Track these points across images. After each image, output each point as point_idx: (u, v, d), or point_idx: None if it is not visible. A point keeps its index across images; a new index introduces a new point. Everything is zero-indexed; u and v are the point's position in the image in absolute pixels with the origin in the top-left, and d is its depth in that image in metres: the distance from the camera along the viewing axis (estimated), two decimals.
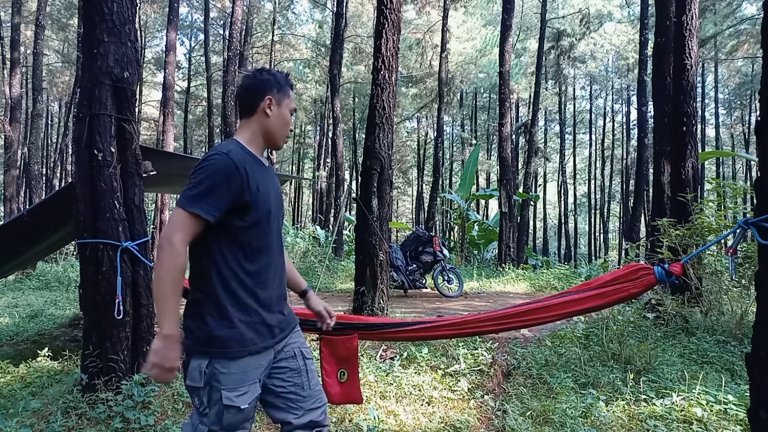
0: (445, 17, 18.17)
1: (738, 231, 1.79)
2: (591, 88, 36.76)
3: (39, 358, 4.09)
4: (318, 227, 19.52)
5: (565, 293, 2.14)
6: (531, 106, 20.98)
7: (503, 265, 13.20)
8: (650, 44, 11.67)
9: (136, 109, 3.64)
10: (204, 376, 1.54)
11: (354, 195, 26.31)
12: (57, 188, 16.94)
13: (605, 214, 35.17)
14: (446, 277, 8.97)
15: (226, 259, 1.56)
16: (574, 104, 37.27)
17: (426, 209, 22.11)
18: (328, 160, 26.44)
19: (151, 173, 3.52)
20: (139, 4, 16.39)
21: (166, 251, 1.46)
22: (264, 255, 1.63)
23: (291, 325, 1.75)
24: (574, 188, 38.35)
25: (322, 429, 1.76)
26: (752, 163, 21.82)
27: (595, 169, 37.29)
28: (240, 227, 1.56)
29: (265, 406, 1.74)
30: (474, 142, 31.49)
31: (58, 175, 27.15)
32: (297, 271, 1.99)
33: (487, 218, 25.76)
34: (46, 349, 4.21)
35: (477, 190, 26.11)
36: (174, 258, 1.46)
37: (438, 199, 20.77)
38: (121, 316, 3.02)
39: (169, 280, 1.45)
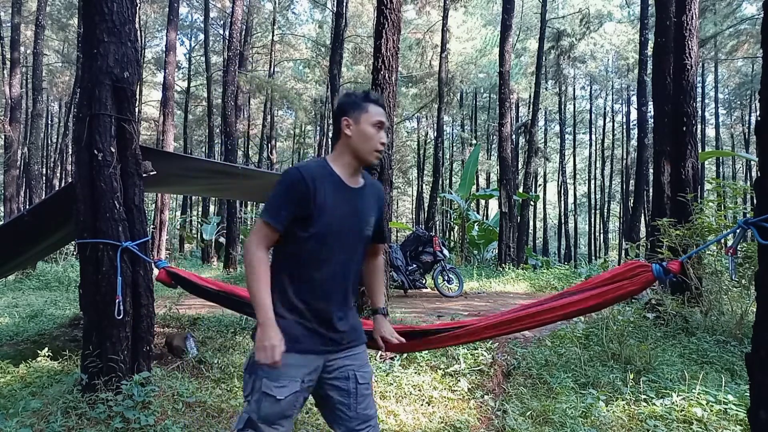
0: (445, 17, 18.17)
1: (738, 231, 1.79)
2: (591, 88, 36.75)
3: (39, 358, 4.09)
4: None
5: (564, 293, 2.13)
6: (531, 106, 20.97)
7: (503, 265, 13.20)
8: (650, 44, 11.67)
9: (136, 109, 3.63)
10: (250, 360, 1.68)
11: None
12: (57, 188, 16.94)
13: (605, 214, 35.16)
14: (446, 277, 8.97)
15: (286, 262, 1.73)
16: (574, 104, 37.26)
17: (426, 209, 22.11)
18: None
19: (151, 173, 3.52)
20: (139, 4, 16.39)
21: (246, 255, 1.68)
22: (322, 268, 1.72)
23: (348, 343, 1.79)
24: (574, 188, 38.33)
25: None
26: (752, 163, 21.81)
27: (595, 169, 37.28)
28: (301, 237, 1.70)
29: (319, 409, 1.86)
30: (474, 142, 31.49)
31: (58, 175, 27.16)
32: (382, 288, 2.07)
33: (487, 218, 25.75)
34: (46, 349, 4.20)
35: (477, 190, 26.09)
36: (251, 258, 1.66)
37: (438, 199, 20.77)
38: (121, 316, 3.02)
39: (253, 277, 1.65)
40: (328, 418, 1.81)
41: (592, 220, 36.67)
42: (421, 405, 3.28)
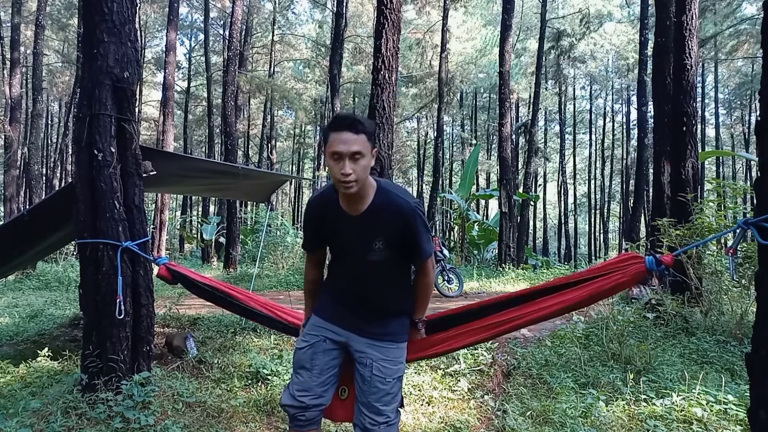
0: (445, 17, 18.17)
1: (738, 231, 1.79)
2: (591, 88, 36.73)
3: (39, 358, 4.09)
4: None
5: (559, 283, 2.09)
6: (531, 106, 20.97)
7: (503, 265, 13.20)
8: (650, 44, 11.67)
9: (136, 109, 3.63)
10: None
11: None
12: (57, 188, 16.93)
13: (605, 214, 35.15)
14: (446, 277, 8.97)
15: (331, 263, 2.11)
16: (574, 104, 37.24)
17: (426, 209, 22.10)
18: None
19: (151, 173, 3.52)
20: (139, 4, 16.37)
21: None
22: (340, 274, 2.05)
23: (373, 335, 1.98)
24: (574, 188, 38.33)
25: None
26: (752, 163, 21.81)
27: (595, 169, 37.27)
28: (331, 250, 2.07)
29: None
30: (474, 142, 31.49)
31: (58, 175, 27.16)
32: (421, 303, 2.12)
33: (487, 218, 25.75)
34: (46, 349, 4.21)
35: (477, 190, 26.09)
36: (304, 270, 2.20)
37: (438, 199, 20.76)
38: (121, 316, 3.02)
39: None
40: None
41: (592, 220, 36.66)
42: (421, 405, 3.28)
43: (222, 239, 18.79)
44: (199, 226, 24.10)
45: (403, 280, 2.03)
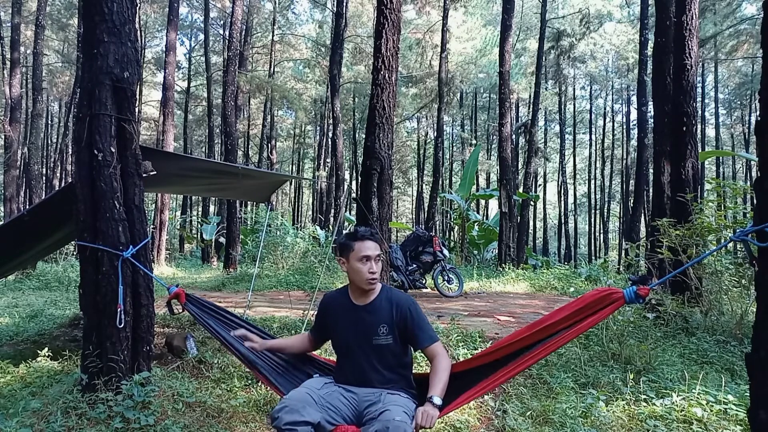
0: (445, 17, 18.19)
1: (738, 243, 1.79)
2: (591, 88, 36.73)
3: (39, 358, 4.08)
4: (318, 227, 19.52)
5: (548, 333, 2.12)
6: (531, 106, 20.98)
7: (503, 265, 13.19)
8: (650, 44, 11.68)
9: (136, 109, 3.63)
10: None
11: (354, 195, 26.30)
12: (57, 188, 16.94)
13: (605, 214, 35.14)
14: (446, 277, 8.97)
15: (337, 358, 2.41)
16: (574, 104, 37.23)
17: (426, 209, 22.12)
18: (328, 160, 26.46)
19: (151, 173, 3.51)
20: (139, 4, 16.40)
21: None
22: (342, 359, 2.33)
23: (365, 394, 2.22)
24: (574, 188, 38.32)
25: None
26: (752, 163, 21.82)
27: (595, 169, 37.26)
28: (337, 344, 2.38)
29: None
30: (474, 142, 31.51)
31: (58, 175, 27.16)
32: (438, 380, 2.14)
33: (487, 218, 25.74)
34: (46, 349, 4.20)
35: (477, 190, 26.08)
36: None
37: (438, 199, 20.77)
38: (122, 325, 3.03)
39: None
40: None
41: (592, 220, 36.65)
42: None
43: (222, 239, 18.80)
44: (199, 226, 24.12)
45: (403, 367, 2.27)
